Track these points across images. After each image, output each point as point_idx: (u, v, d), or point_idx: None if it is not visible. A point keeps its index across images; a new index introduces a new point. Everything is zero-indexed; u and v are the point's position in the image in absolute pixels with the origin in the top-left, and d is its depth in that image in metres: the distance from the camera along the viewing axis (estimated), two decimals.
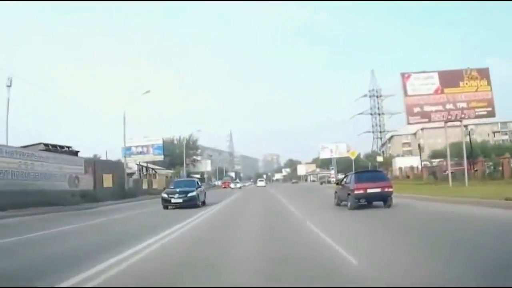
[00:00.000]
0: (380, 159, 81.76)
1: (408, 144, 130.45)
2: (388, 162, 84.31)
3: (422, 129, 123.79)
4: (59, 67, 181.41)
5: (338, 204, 18.10)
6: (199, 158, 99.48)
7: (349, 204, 16.07)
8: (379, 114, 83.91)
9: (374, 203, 16.12)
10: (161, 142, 51.45)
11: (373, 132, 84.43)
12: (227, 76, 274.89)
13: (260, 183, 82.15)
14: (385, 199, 15.86)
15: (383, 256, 6.42)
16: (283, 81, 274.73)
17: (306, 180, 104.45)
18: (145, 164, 51.45)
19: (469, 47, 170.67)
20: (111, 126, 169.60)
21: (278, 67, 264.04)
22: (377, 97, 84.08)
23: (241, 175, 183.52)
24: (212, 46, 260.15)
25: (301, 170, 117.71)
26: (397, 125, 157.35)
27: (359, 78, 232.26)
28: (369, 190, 15.49)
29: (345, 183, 17.59)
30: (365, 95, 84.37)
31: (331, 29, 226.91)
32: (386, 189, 15.70)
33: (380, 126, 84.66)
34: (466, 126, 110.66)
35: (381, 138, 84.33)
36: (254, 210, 18.63)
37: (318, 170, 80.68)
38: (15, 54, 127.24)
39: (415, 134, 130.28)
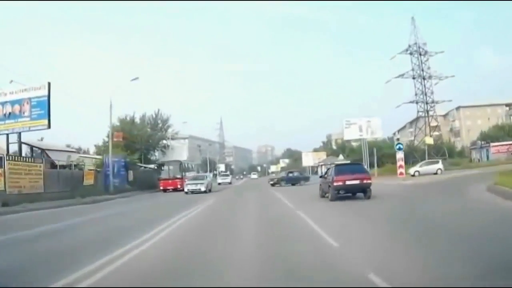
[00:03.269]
0: (429, 141, 55.95)
1: (437, 127, 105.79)
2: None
3: (457, 108, 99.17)
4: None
5: (322, 196, 18.79)
6: (172, 142, 73.04)
7: (329, 195, 17.01)
8: (424, 78, 57.59)
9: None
10: (45, 93, 24.26)
11: (416, 102, 58.29)
12: (219, 65, 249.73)
13: (253, 176, 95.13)
14: (364, 190, 16.64)
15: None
16: (278, 74, 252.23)
17: (316, 172, 77.91)
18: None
19: None
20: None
21: (275, 59, 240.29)
22: (420, 54, 57.81)
23: (233, 167, 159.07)
24: (204, 34, 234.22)
25: (307, 160, 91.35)
26: (446, 94, 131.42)
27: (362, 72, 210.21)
28: (348, 182, 16.32)
29: (327, 175, 18.28)
30: (407, 50, 58.00)
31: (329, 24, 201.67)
32: (365, 181, 16.54)
33: (426, 94, 58.43)
34: (509, 105, 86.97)
35: (427, 112, 58.06)
36: None
37: (341, 157, 54.49)
38: None
39: (445, 115, 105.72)
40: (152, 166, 56.26)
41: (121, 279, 5.48)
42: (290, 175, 42.00)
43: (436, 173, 39.64)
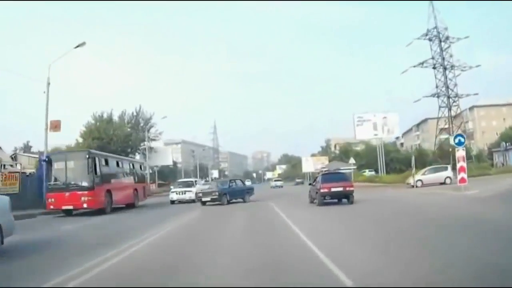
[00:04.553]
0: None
1: (447, 130, 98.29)
2: None
3: (471, 108, 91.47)
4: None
5: (311, 202, 20.58)
6: (156, 145, 64.85)
7: (317, 201, 19.04)
8: (445, 69, 49.80)
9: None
10: None
11: (437, 96, 50.42)
12: (214, 67, 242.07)
13: (247, 183, 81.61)
14: (347, 196, 18.74)
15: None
16: (277, 75, 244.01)
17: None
18: None
19: None
20: None
21: (273, 60, 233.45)
22: (441, 40, 50.02)
23: (226, 173, 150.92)
24: (202, 34, 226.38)
25: (308, 166, 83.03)
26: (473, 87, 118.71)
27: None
28: (333, 189, 18.38)
29: (315, 183, 20.21)
30: (426, 35, 50.25)
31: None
32: (348, 188, 18.64)
33: (448, 87, 50.69)
34: None
35: (450, 108, 50.17)
36: None
37: (352, 161, 45.32)
38: None
39: (456, 116, 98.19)
40: None
41: None
42: (232, 185, 26.09)
43: (444, 183, 30.80)
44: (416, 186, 30.73)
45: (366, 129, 45.23)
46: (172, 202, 28.07)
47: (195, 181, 30.73)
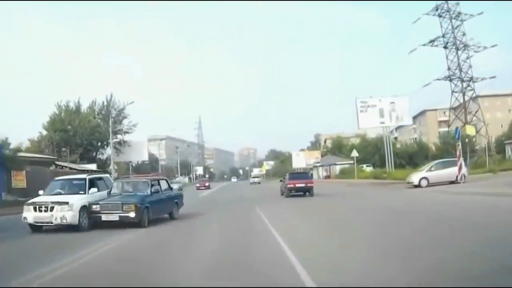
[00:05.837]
0: (470, 130, 42.10)
1: (446, 122, 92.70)
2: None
3: (475, 97, 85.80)
4: None
5: (282, 194, 26.51)
6: (131, 138, 57.36)
7: (285, 194, 25.05)
8: (457, 49, 43.73)
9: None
10: None
11: (450, 79, 44.51)
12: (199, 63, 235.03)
13: (234, 180, 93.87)
14: (308, 190, 24.31)
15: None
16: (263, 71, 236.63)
17: (311, 175, 62.65)
18: None
19: None
20: None
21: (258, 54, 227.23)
22: (451, 18, 44.08)
23: (211, 170, 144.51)
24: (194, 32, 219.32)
25: (299, 161, 76.67)
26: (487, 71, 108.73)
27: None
28: (297, 185, 24.11)
29: (284, 180, 26.13)
30: (436, 10, 44.29)
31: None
32: (308, 184, 24.43)
33: (461, 69, 44.73)
34: None
35: (464, 93, 44.32)
36: None
37: (354, 153, 37.98)
38: None
39: (456, 108, 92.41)
40: (90, 167, 40.72)
41: None
42: (156, 191, 13.92)
43: (455, 181, 23.78)
44: (420, 186, 24.39)
45: (370, 116, 38.83)
46: (35, 227, 12.51)
47: (92, 179, 14.03)
